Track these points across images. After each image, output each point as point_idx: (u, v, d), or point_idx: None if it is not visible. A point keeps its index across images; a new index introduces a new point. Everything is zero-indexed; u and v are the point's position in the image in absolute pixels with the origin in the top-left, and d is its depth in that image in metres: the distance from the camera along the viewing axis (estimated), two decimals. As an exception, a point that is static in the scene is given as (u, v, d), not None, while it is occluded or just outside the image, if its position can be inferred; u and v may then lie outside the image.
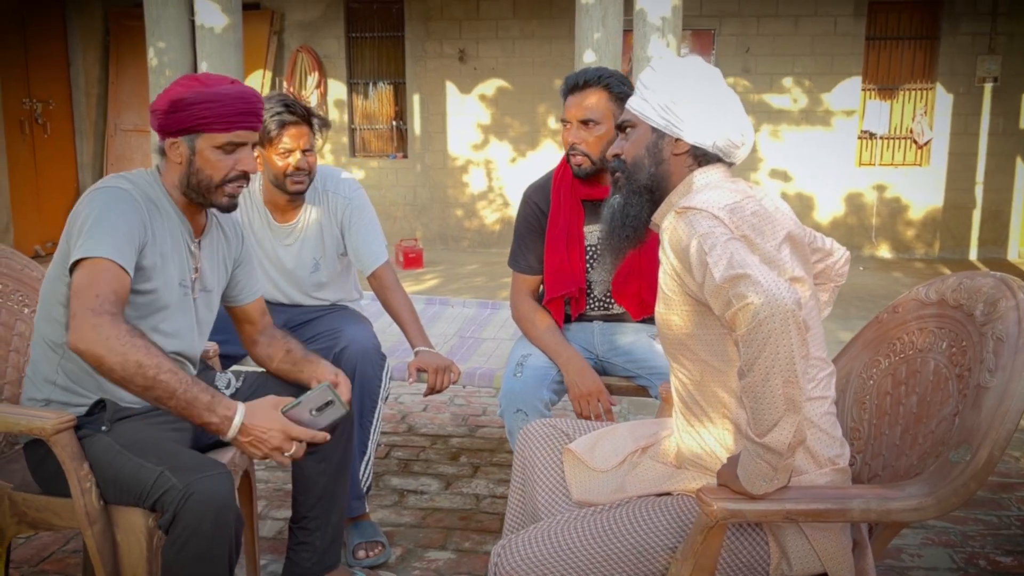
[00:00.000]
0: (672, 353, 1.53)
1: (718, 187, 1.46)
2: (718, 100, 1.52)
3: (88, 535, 1.62)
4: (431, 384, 2.36)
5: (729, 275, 1.24)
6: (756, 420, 1.24)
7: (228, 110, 1.73)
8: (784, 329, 1.19)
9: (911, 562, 2.40)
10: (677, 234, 1.38)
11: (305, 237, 2.55)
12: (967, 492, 1.24)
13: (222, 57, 5.50)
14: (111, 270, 1.60)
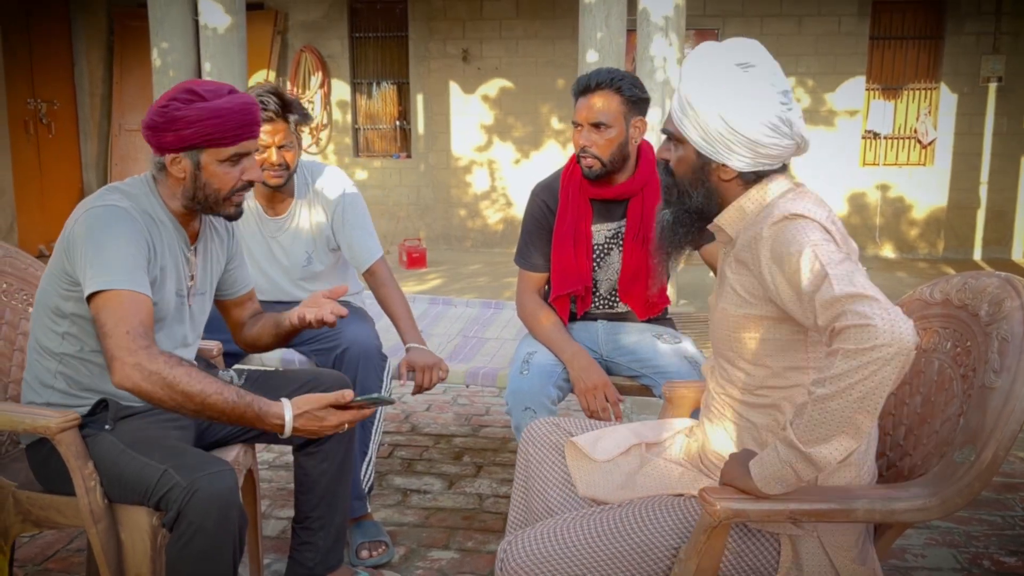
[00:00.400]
0: (724, 352, 1.49)
1: (804, 196, 1.40)
2: (765, 117, 1.40)
3: (92, 533, 1.62)
4: (418, 382, 2.37)
5: (853, 292, 1.20)
6: (810, 429, 1.22)
7: (231, 123, 1.70)
8: (893, 363, 1.16)
9: (915, 562, 2.40)
10: (783, 239, 1.32)
11: (296, 231, 2.55)
12: (971, 493, 1.24)
13: (226, 57, 5.51)
14: (134, 300, 1.60)
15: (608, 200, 2.30)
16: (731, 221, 1.49)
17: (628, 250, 2.31)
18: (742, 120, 1.39)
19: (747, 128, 1.40)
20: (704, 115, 1.42)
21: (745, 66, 1.41)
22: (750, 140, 1.40)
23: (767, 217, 1.37)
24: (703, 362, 2.24)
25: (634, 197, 2.28)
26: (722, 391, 1.52)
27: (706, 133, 1.43)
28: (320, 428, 1.67)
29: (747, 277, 1.40)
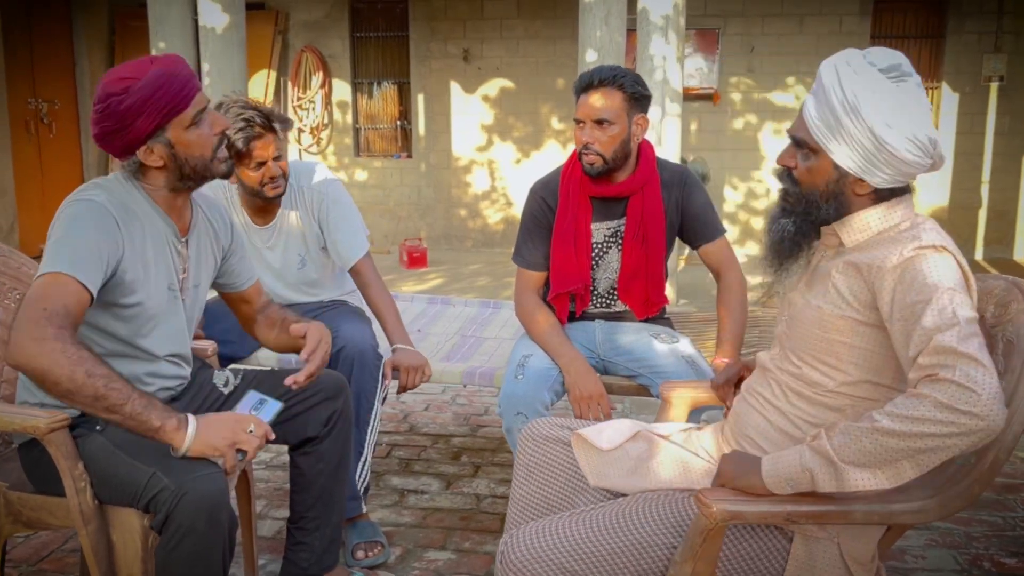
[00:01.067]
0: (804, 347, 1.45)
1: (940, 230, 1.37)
2: (911, 134, 1.35)
3: (83, 534, 1.61)
4: (402, 383, 2.37)
5: (972, 354, 1.16)
6: (854, 451, 1.21)
7: (176, 85, 1.65)
8: (971, 438, 1.14)
9: (915, 563, 2.38)
10: (925, 268, 1.28)
11: (287, 236, 2.54)
12: (971, 495, 1.22)
13: (225, 57, 5.49)
14: (68, 285, 1.53)
15: (608, 198, 2.28)
16: (852, 230, 1.44)
17: (628, 249, 2.29)
18: (894, 138, 1.34)
19: (897, 146, 1.35)
20: (853, 129, 1.36)
21: (897, 79, 1.37)
22: (897, 158, 1.36)
23: (913, 239, 1.33)
24: (702, 363, 2.22)
25: (634, 195, 2.26)
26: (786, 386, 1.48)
27: (851, 148, 1.38)
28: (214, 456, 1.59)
29: (858, 282, 1.37)
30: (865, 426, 1.21)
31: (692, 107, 8.49)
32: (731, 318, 2.25)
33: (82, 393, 1.48)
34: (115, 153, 1.69)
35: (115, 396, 1.50)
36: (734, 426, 1.56)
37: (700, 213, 2.33)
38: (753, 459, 1.34)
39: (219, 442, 1.57)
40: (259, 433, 1.63)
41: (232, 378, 2.02)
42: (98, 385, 1.48)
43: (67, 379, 1.46)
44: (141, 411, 1.52)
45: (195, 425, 1.57)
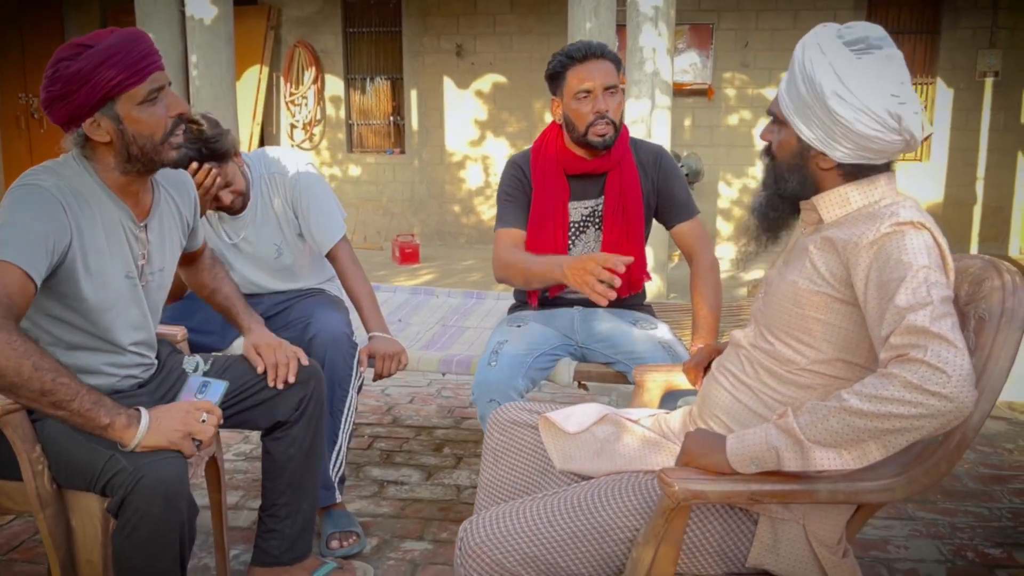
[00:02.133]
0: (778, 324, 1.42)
1: (918, 206, 1.34)
2: (873, 111, 1.31)
3: (40, 518, 1.58)
4: (377, 370, 2.34)
5: (943, 334, 1.14)
6: (820, 430, 1.19)
7: (131, 57, 1.56)
8: (940, 420, 1.12)
9: (897, 554, 2.35)
10: (901, 245, 1.25)
11: (260, 225, 2.49)
12: (938, 473, 1.19)
13: (212, 49, 5.46)
14: (11, 274, 1.45)
15: (585, 176, 2.25)
16: (831, 205, 1.41)
17: (608, 225, 2.26)
18: (845, 110, 1.31)
19: (848, 117, 1.32)
20: (812, 99, 1.35)
21: (860, 51, 1.33)
22: (851, 131, 1.33)
23: (890, 215, 1.29)
24: (679, 349, 2.19)
25: (611, 172, 2.24)
26: (758, 363, 1.46)
27: (810, 120, 1.36)
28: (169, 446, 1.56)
29: (833, 258, 1.34)
30: (833, 405, 1.18)
31: (686, 103, 8.47)
32: (706, 304, 2.22)
33: (28, 387, 1.42)
34: (60, 122, 1.60)
35: (63, 391, 1.46)
36: (702, 405, 1.53)
37: (676, 192, 2.31)
38: (717, 437, 1.31)
39: (172, 435, 1.55)
40: (211, 421, 1.61)
41: (202, 363, 1.99)
42: (45, 379, 1.43)
43: (12, 371, 1.41)
44: (90, 407, 1.49)
45: (147, 420, 1.54)
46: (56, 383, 1.45)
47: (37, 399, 1.45)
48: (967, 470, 2.92)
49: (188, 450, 1.56)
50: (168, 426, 1.55)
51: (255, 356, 1.95)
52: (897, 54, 1.35)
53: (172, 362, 1.96)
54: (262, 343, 1.97)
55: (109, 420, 1.50)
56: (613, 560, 1.36)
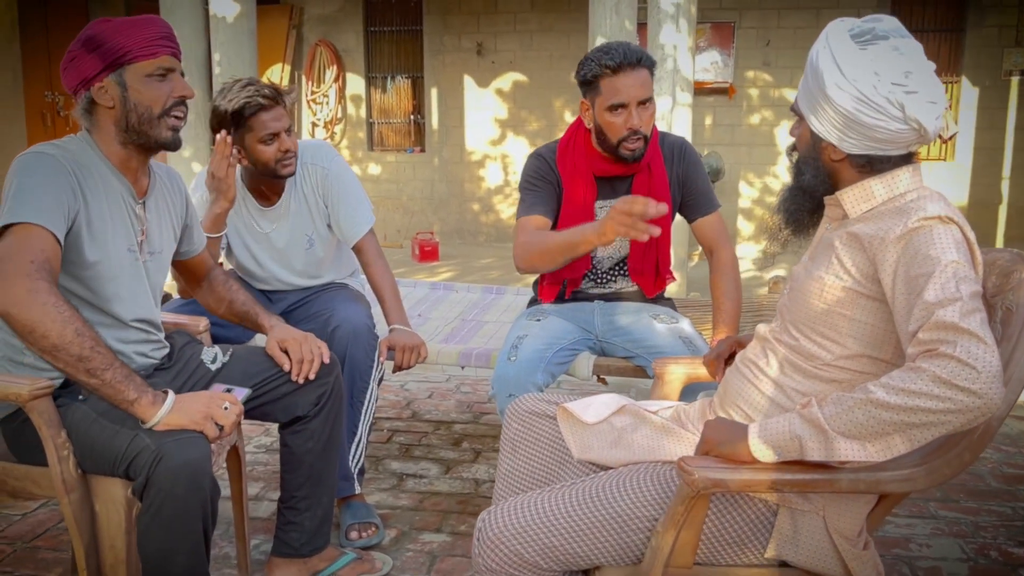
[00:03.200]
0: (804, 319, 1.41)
1: (945, 200, 1.32)
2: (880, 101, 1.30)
3: (64, 503, 1.59)
4: (397, 362, 2.34)
5: (974, 331, 1.13)
6: (846, 421, 1.18)
7: (146, 34, 1.65)
8: (967, 416, 1.11)
9: (919, 552, 2.33)
10: (929, 239, 1.24)
11: (293, 215, 2.51)
12: (960, 464, 1.18)
13: (235, 46, 5.51)
14: (44, 237, 1.52)
15: (613, 177, 2.24)
16: (855, 200, 1.40)
17: None
18: (844, 99, 1.32)
19: (850, 108, 1.31)
20: (813, 91, 1.36)
21: (865, 42, 1.33)
22: (854, 121, 1.32)
23: (918, 209, 1.28)
24: (700, 343, 2.19)
25: (640, 173, 2.23)
26: (780, 354, 1.45)
27: (816, 110, 1.37)
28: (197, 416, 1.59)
29: (859, 253, 1.33)
30: (859, 397, 1.17)
31: (707, 101, 8.44)
32: (726, 298, 2.21)
33: (68, 351, 1.48)
34: (73, 84, 1.68)
35: (99, 360, 1.50)
36: (723, 396, 1.52)
37: (699, 186, 2.30)
38: (739, 426, 1.30)
39: (195, 415, 1.57)
40: (234, 411, 1.62)
41: (220, 355, 2.00)
42: (85, 345, 1.49)
43: (56, 334, 1.46)
44: (121, 380, 1.53)
45: (171, 401, 1.57)
46: (94, 351, 1.50)
47: (74, 364, 1.49)
48: (991, 469, 2.89)
49: (211, 432, 1.58)
50: (192, 408, 1.58)
51: (280, 353, 1.93)
52: (908, 44, 1.33)
53: (191, 352, 1.98)
54: (287, 338, 1.95)
55: (136, 395, 1.53)
56: (632, 549, 1.36)
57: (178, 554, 1.52)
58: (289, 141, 2.33)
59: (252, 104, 2.27)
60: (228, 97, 2.29)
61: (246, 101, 2.26)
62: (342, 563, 2.13)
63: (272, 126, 2.29)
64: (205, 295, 2.06)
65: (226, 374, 1.95)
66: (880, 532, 2.43)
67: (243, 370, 1.96)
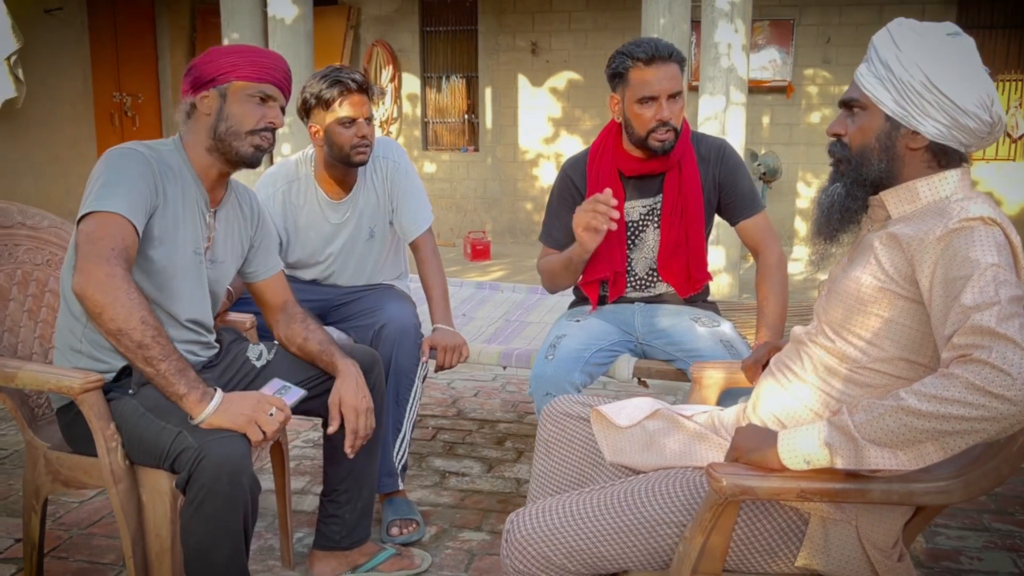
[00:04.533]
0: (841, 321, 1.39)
1: (991, 202, 1.29)
2: (971, 87, 1.30)
3: (113, 493, 1.66)
4: (439, 362, 2.37)
5: (1009, 335, 1.10)
6: (876, 428, 1.15)
7: (260, 60, 1.80)
8: (1002, 424, 1.08)
9: (970, 565, 2.26)
10: (970, 240, 1.22)
11: (362, 209, 2.55)
12: (999, 476, 1.14)
13: (293, 47, 5.61)
14: (125, 227, 1.62)
15: (642, 176, 2.23)
16: (899, 200, 1.38)
17: (666, 225, 2.23)
18: (949, 81, 1.30)
19: (952, 90, 1.30)
20: (906, 73, 1.33)
21: (953, 35, 1.35)
22: (952, 104, 1.30)
23: (960, 210, 1.26)
24: (741, 347, 2.16)
25: (670, 171, 2.21)
26: (818, 359, 1.43)
27: (903, 94, 1.33)
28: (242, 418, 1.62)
29: (898, 254, 1.31)
30: (890, 404, 1.15)
31: (764, 100, 8.30)
32: (771, 300, 2.18)
33: (130, 337, 1.56)
34: (186, 88, 1.82)
35: (158, 350, 1.58)
36: (757, 401, 1.50)
37: (739, 187, 2.26)
38: (769, 433, 1.28)
39: (239, 418, 1.61)
40: (279, 417, 1.66)
41: (266, 352, 2.04)
42: (147, 334, 1.57)
43: (123, 319, 1.55)
44: (175, 373, 1.59)
45: (219, 400, 1.61)
46: (155, 340, 1.58)
47: (134, 351, 1.57)
48: (1050, 482, 2.80)
49: (253, 435, 1.61)
50: (237, 410, 1.62)
51: (335, 411, 1.90)
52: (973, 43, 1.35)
53: (237, 349, 2.03)
54: (348, 400, 1.90)
55: (186, 391, 1.59)
56: (660, 555, 1.36)
57: (219, 548, 1.57)
58: (367, 129, 2.39)
59: (339, 86, 2.33)
60: (319, 76, 2.37)
61: (335, 80, 2.33)
62: (381, 558, 2.17)
63: (354, 111, 2.35)
64: (282, 328, 2.05)
65: (271, 371, 2.00)
66: (929, 544, 2.37)
67: (288, 367, 2.01)
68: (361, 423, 1.91)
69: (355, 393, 1.91)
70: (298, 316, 2.05)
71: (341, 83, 2.33)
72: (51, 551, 2.26)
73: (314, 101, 2.37)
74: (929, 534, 2.43)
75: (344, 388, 1.91)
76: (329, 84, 2.33)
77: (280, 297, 2.09)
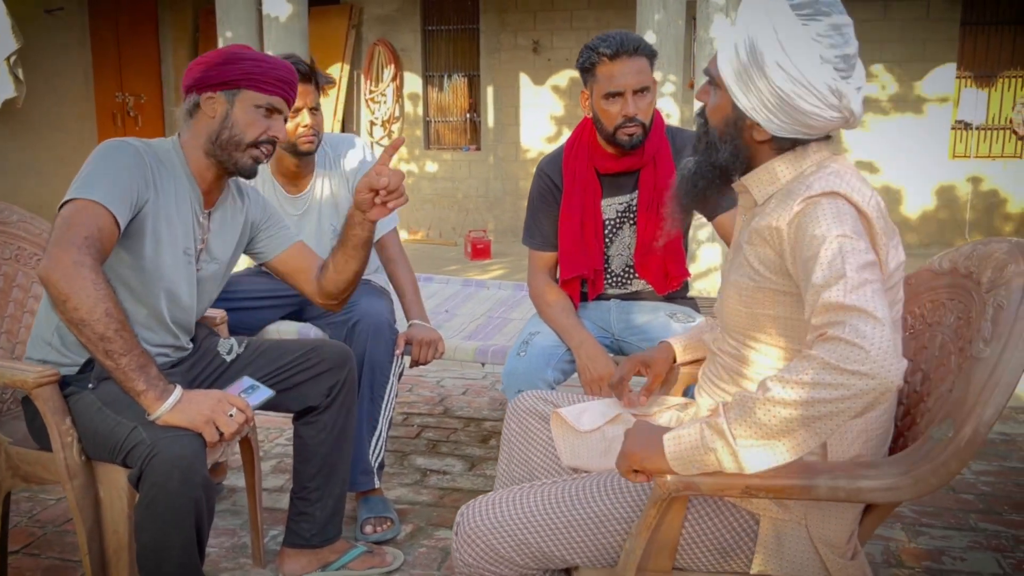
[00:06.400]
0: (735, 328, 1.36)
1: (846, 171, 1.23)
2: (814, 83, 1.21)
3: (68, 488, 1.64)
4: (414, 357, 2.35)
5: (859, 305, 1.06)
6: (749, 425, 1.10)
7: (275, 73, 1.77)
8: (866, 398, 1.04)
9: (952, 565, 2.22)
10: (814, 216, 1.17)
11: (320, 206, 2.53)
12: (947, 472, 1.11)
13: (287, 46, 5.61)
14: (102, 216, 1.58)
15: (619, 173, 2.20)
16: (760, 183, 1.34)
17: (642, 222, 2.21)
18: (785, 82, 1.21)
19: (789, 91, 1.22)
20: (747, 65, 1.24)
21: (807, 17, 1.21)
22: (789, 105, 1.23)
23: (805, 189, 1.22)
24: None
25: (645, 168, 2.18)
26: (729, 368, 1.40)
27: (745, 85, 1.26)
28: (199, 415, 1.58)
29: (764, 248, 1.27)
30: (758, 396, 1.10)
31: (766, 97, 8.24)
32: None
33: (93, 328, 1.51)
34: (189, 82, 1.77)
35: (120, 343, 1.53)
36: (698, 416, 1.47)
37: None
38: (656, 437, 1.21)
39: (196, 417, 1.57)
40: (239, 419, 1.62)
41: (236, 346, 2.03)
42: (110, 327, 1.52)
43: (87, 309, 1.50)
44: (135, 368, 1.55)
45: (176, 398, 1.58)
46: (117, 334, 1.53)
47: (95, 342, 1.53)
48: (1040, 481, 2.75)
49: (209, 436, 1.58)
50: (195, 409, 1.58)
51: None
52: (846, 21, 1.23)
53: (208, 344, 2.02)
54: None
55: (145, 387, 1.55)
56: (608, 551, 1.33)
57: (171, 546, 1.54)
58: (311, 119, 2.37)
59: None
60: None
61: None
62: (352, 556, 2.15)
63: (297, 100, 2.31)
64: (313, 287, 1.99)
65: (241, 365, 1.98)
66: (912, 543, 2.33)
67: (258, 361, 1.99)
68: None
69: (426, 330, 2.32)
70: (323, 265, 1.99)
71: None
72: (23, 548, 2.25)
73: None
74: (912, 533, 2.39)
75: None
76: None
77: (309, 261, 2.02)
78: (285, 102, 1.81)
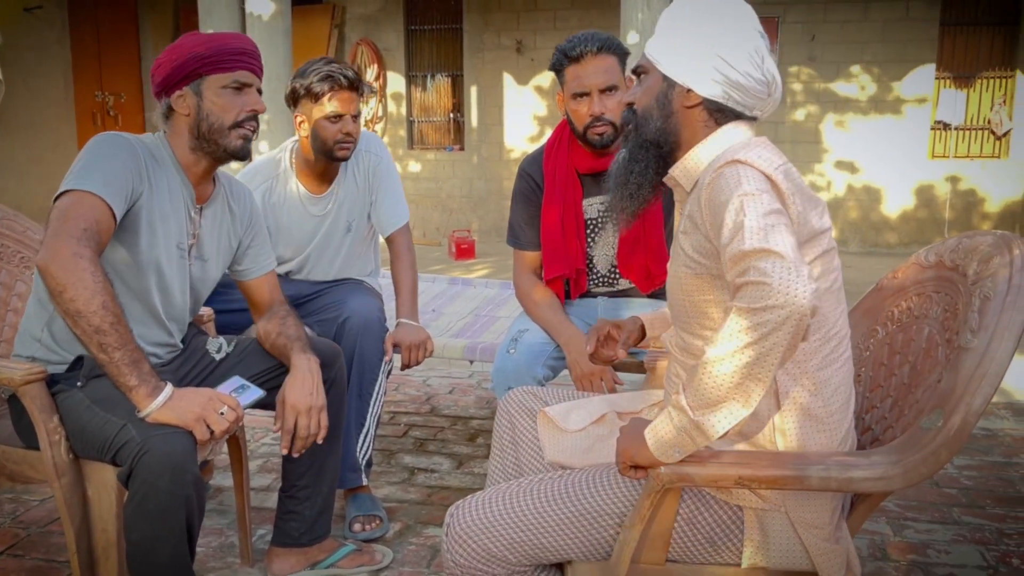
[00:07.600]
0: (683, 320, 1.39)
1: (761, 145, 1.28)
2: (739, 43, 1.31)
3: (56, 487, 1.63)
4: (404, 360, 2.34)
5: (760, 247, 1.10)
6: (699, 393, 1.14)
7: (227, 49, 1.74)
8: (784, 327, 1.07)
9: (937, 558, 2.25)
10: (719, 186, 1.22)
11: (341, 201, 2.53)
12: (937, 462, 1.12)
13: (271, 44, 5.58)
14: (101, 208, 1.58)
15: (599, 173, 2.21)
16: (686, 171, 1.39)
17: None
18: (716, 35, 1.31)
19: (720, 44, 1.31)
20: (678, 31, 1.35)
21: None
22: (722, 59, 1.31)
23: (711, 171, 1.26)
24: None
25: None
26: (682, 361, 1.41)
27: (676, 51, 1.35)
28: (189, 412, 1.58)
29: (696, 235, 1.30)
30: (698, 364, 1.15)
31: (749, 97, 8.29)
32: None
33: (89, 320, 1.50)
34: (157, 89, 1.77)
35: (115, 337, 1.52)
36: None
37: None
38: (639, 432, 1.25)
39: (187, 415, 1.57)
40: (229, 417, 1.61)
41: (225, 345, 2.02)
42: (106, 320, 1.51)
43: (84, 301, 1.49)
44: (128, 363, 1.54)
45: (167, 395, 1.57)
46: (113, 327, 1.52)
47: (90, 335, 1.52)
48: (1023, 476, 2.78)
49: (200, 433, 1.58)
50: (186, 406, 1.58)
51: (280, 411, 1.80)
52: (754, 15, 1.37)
53: (197, 343, 2.01)
54: (294, 402, 1.79)
55: (137, 383, 1.54)
56: (602, 545, 1.33)
57: (161, 544, 1.53)
58: (353, 126, 2.37)
59: (330, 81, 2.31)
60: (313, 67, 2.35)
61: (327, 75, 2.31)
62: (341, 554, 2.14)
63: (341, 107, 2.33)
64: (261, 325, 2.00)
65: (230, 364, 1.97)
66: (898, 537, 2.36)
67: (247, 360, 1.98)
68: (301, 423, 1.78)
69: (300, 391, 1.79)
70: (280, 313, 2.00)
71: (332, 79, 2.32)
72: (7, 549, 2.23)
73: (303, 92, 2.35)
74: (897, 527, 2.41)
75: (289, 385, 1.81)
76: (320, 78, 2.31)
77: (268, 296, 2.04)
78: (250, 73, 1.78)
